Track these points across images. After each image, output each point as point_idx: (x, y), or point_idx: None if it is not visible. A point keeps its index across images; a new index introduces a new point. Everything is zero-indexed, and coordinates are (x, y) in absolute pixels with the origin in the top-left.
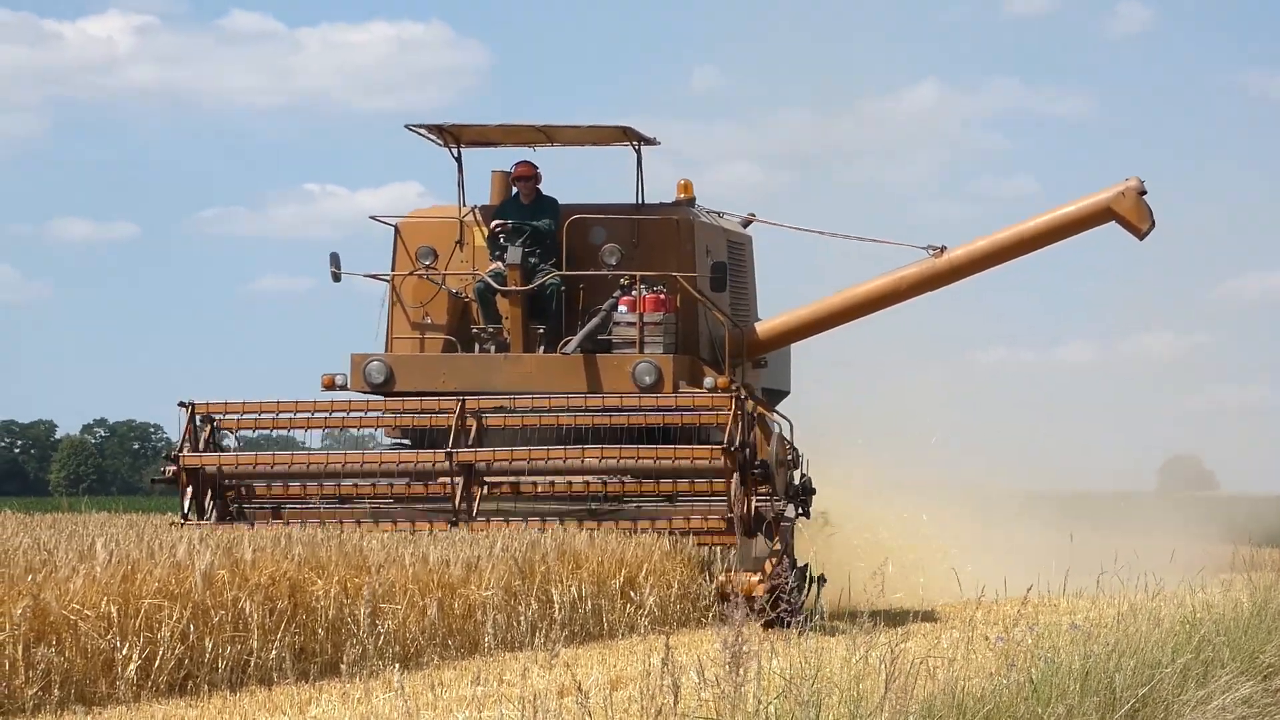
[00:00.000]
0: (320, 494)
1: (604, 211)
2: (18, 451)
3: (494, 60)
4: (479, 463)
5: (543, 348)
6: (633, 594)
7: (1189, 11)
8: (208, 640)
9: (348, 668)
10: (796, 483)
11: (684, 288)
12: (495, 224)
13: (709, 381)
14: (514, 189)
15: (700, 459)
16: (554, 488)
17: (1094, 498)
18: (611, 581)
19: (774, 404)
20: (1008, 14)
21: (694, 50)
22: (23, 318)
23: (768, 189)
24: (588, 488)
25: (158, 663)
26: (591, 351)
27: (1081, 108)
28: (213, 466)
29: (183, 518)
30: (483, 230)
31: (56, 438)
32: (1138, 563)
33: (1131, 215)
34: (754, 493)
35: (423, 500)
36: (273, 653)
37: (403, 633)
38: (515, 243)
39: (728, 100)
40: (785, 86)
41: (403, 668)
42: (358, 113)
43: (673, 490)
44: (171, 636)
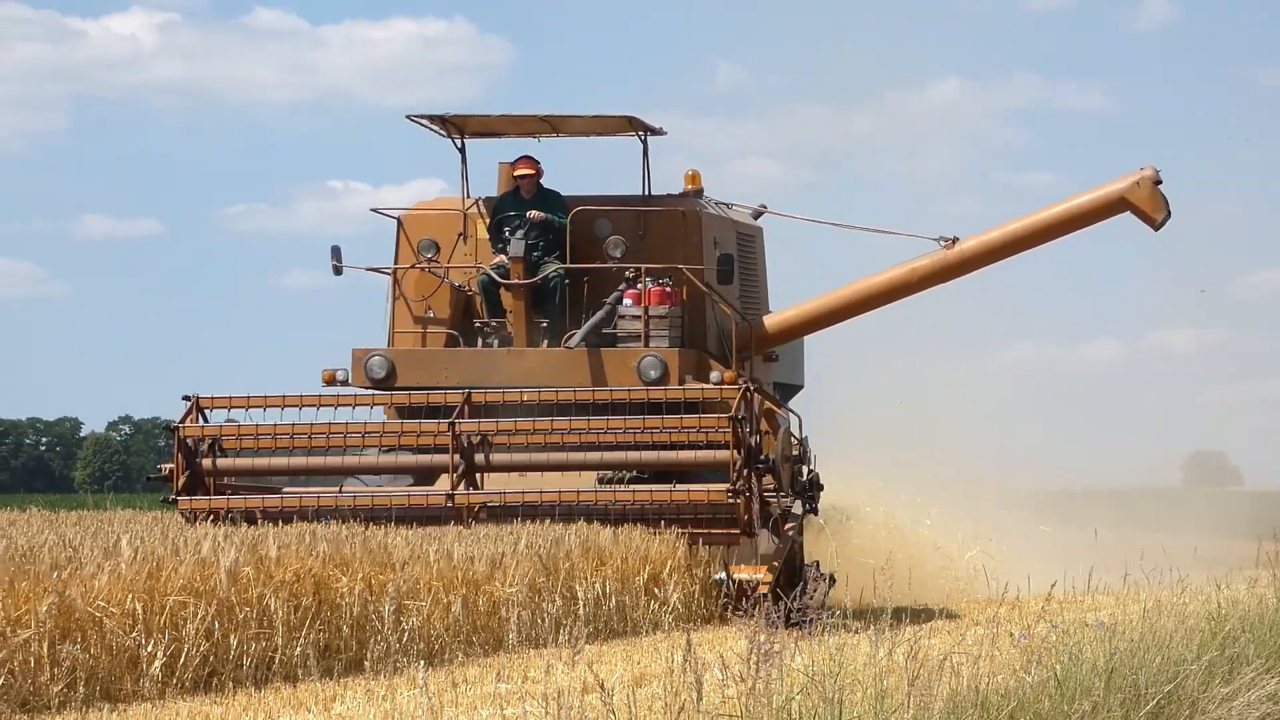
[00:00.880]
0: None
1: (609, 203)
2: (43, 449)
3: (516, 57)
4: (481, 432)
5: (546, 342)
6: (657, 591)
7: (1210, 6)
8: (233, 637)
9: (372, 664)
10: (804, 478)
11: (690, 280)
12: (530, 213)
13: (715, 376)
14: (516, 184)
15: (707, 427)
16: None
17: (1118, 494)
18: (636, 578)
19: (787, 399)
20: (1028, 8)
21: (716, 47)
22: (47, 315)
23: (788, 184)
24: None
25: (183, 660)
26: (596, 345)
27: (1102, 102)
28: (207, 461)
29: (175, 494)
30: (485, 222)
31: (81, 435)
32: (1162, 559)
33: (1146, 205)
34: (760, 488)
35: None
36: (297, 650)
37: (427, 629)
38: (530, 236)
39: (749, 96)
40: (806, 82)
41: (427, 664)
42: (381, 109)
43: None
44: (196, 633)
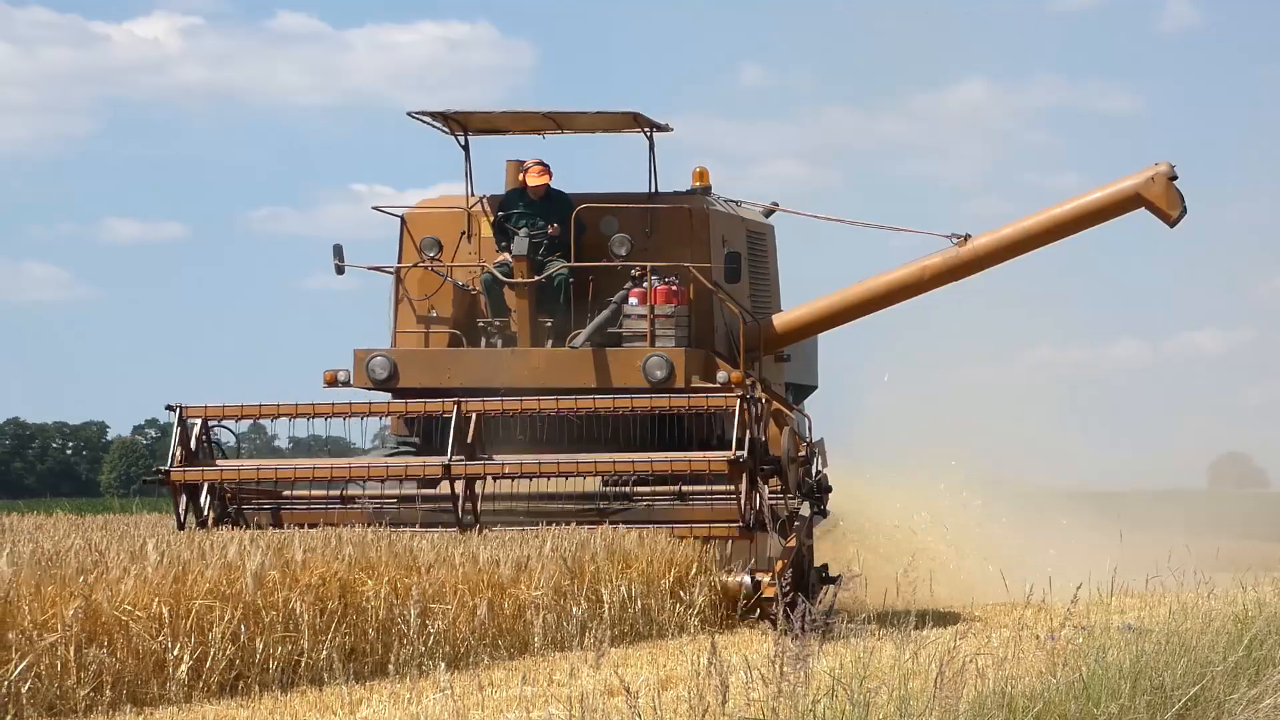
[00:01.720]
0: (326, 495)
1: (615, 200)
2: (69, 453)
3: (540, 60)
4: (477, 475)
5: (551, 341)
6: (682, 594)
7: (1234, 8)
8: (259, 641)
9: (397, 668)
10: (812, 479)
11: (697, 279)
12: (551, 228)
13: (723, 376)
14: (523, 185)
15: (713, 465)
16: (562, 476)
17: (1143, 496)
18: (661, 581)
19: (800, 399)
20: (1054, 9)
21: (740, 49)
22: (73, 319)
23: (813, 186)
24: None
25: (209, 663)
26: (601, 345)
27: (1128, 104)
28: (209, 476)
29: (179, 526)
30: (489, 220)
31: (108, 439)
32: (1188, 561)
33: (1161, 201)
34: (765, 490)
35: (427, 500)
36: (323, 653)
37: (452, 633)
38: (536, 234)
39: (774, 98)
40: (831, 83)
41: (452, 668)
42: (404, 113)
43: (679, 491)
44: (222, 637)
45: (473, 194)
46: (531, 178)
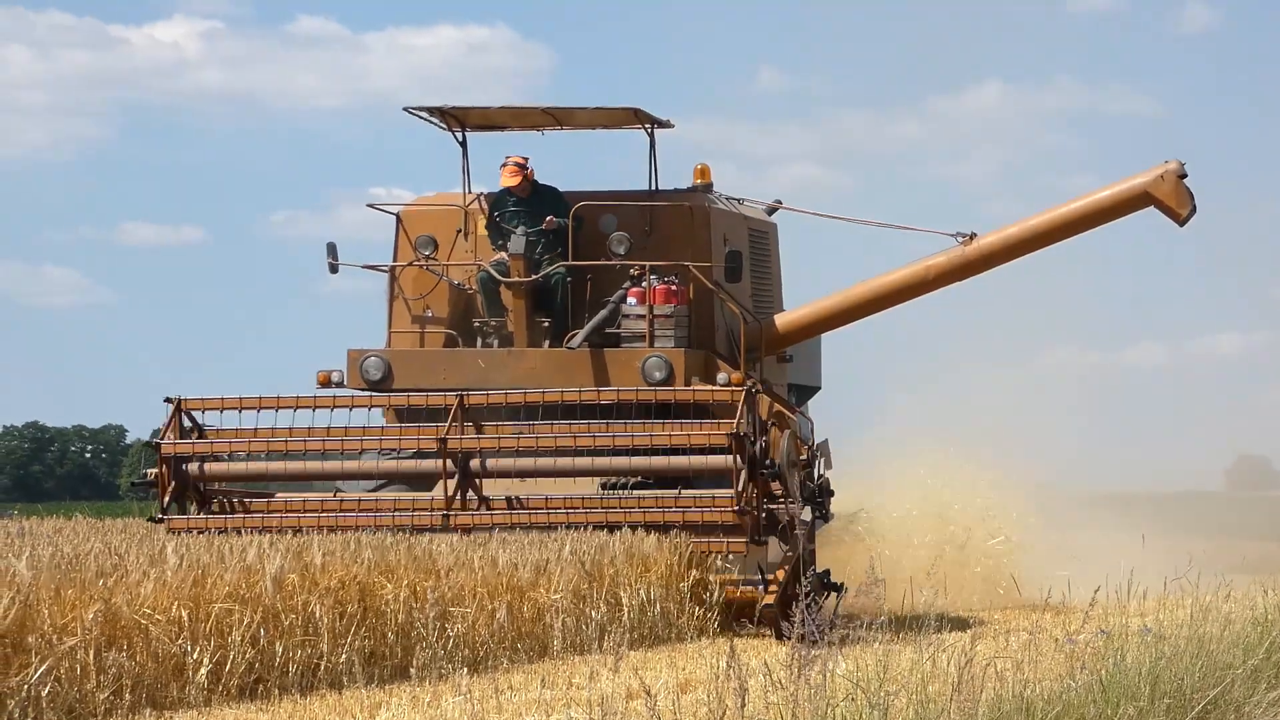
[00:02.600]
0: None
1: (613, 198)
2: (88, 456)
3: (559, 63)
4: (473, 450)
5: (548, 342)
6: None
7: (1253, 10)
8: (278, 644)
9: (417, 671)
10: (813, 483)
11: (697, 278)
12: (547, 222)
13: (723, 377)
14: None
15: (712, 439)
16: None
17: (1161, 499)
18: (680, 584)
19: (804, 400)
20: (1071, 11)
21: (759, 52)
22: (92, 322)
23: (831, 188)
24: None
25: (228, 667)
26: (599, 346)
27: (1146, 106)
28: (194, 465)
29: (162, 513)
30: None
31: (127, 442)
32: (1207, 564)
33: (1171, 200)
34: (766, 494)
35: (413, 496)
36: (342, 656)
37: (472, 636)
38: (533, 233)
39: (792, 101)
40: (848, 87)
41: (471, 671)
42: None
43: (679, 492)
44: (242, 640)
45: (470, 191)
46: (504, 178)
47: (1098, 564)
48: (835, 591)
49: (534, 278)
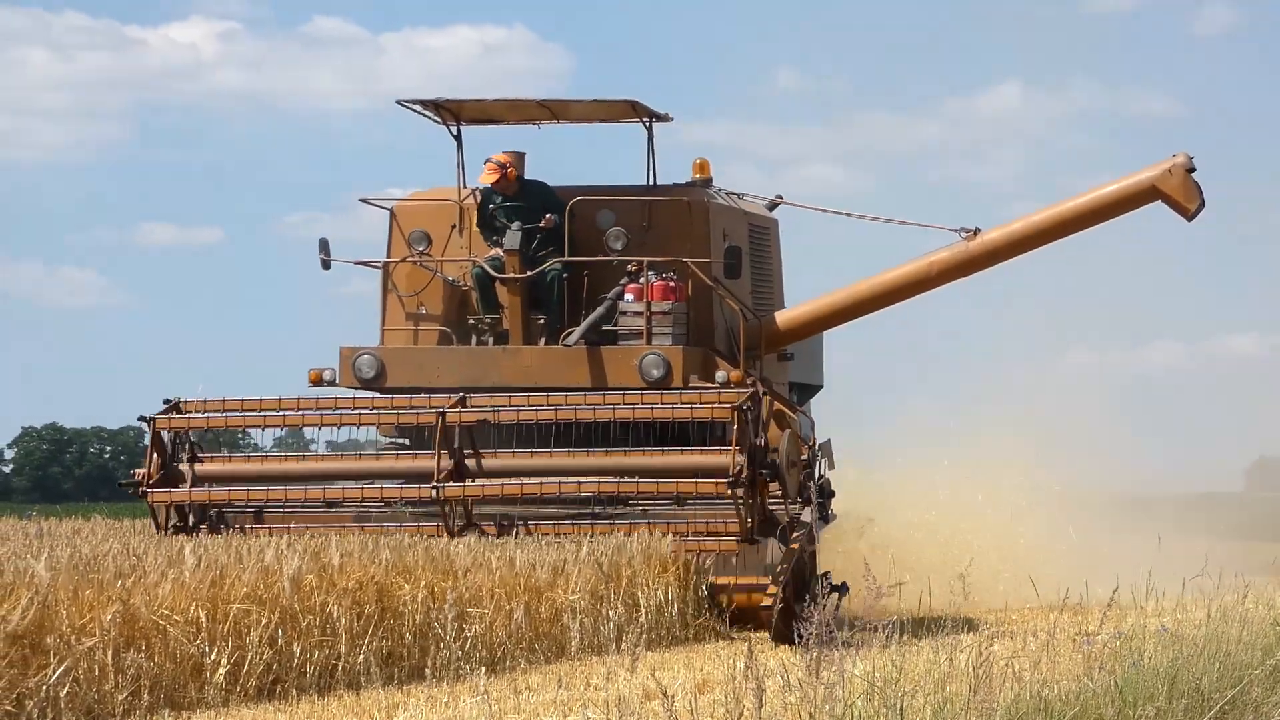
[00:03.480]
0: (305, 498)
1: (610, 193)
2: (107, 457)
3: (576, 64)
4: (468, 496)
5: (544, 339)
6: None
7: (1273, 10)
8: (296, 645)
9: (434, 672)
10: (815, 483)
11: (696, 274)
12: (545, 220)
13: (721, 375)
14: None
15: (718, 488)
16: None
17: (1179, 499)
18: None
19: (805, 399)
20: (1090, 12)
21: (777, 53)
22: (110, 323)
23: (850, 189)
24: (596, 489)
25: (246, 667)
26: (596, 343)
27: (1165, 106)
28: (185, 490)
29: (158, 529)
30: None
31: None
32: (1226, 564)
33: (1178, 194)
34: (765, 495)
35: (414, 504)
36: (360, 657)
37: (489, 637)
38: (525, 224)
39: (811, 102)
40: (867, 88)
41: (489, 672)
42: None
43: (677, 491)
44: (260, 641)
45: (465, 186)
46: (483, 176)
47: (1116, 565)
48: (838, 593)
49: (529, 273)
